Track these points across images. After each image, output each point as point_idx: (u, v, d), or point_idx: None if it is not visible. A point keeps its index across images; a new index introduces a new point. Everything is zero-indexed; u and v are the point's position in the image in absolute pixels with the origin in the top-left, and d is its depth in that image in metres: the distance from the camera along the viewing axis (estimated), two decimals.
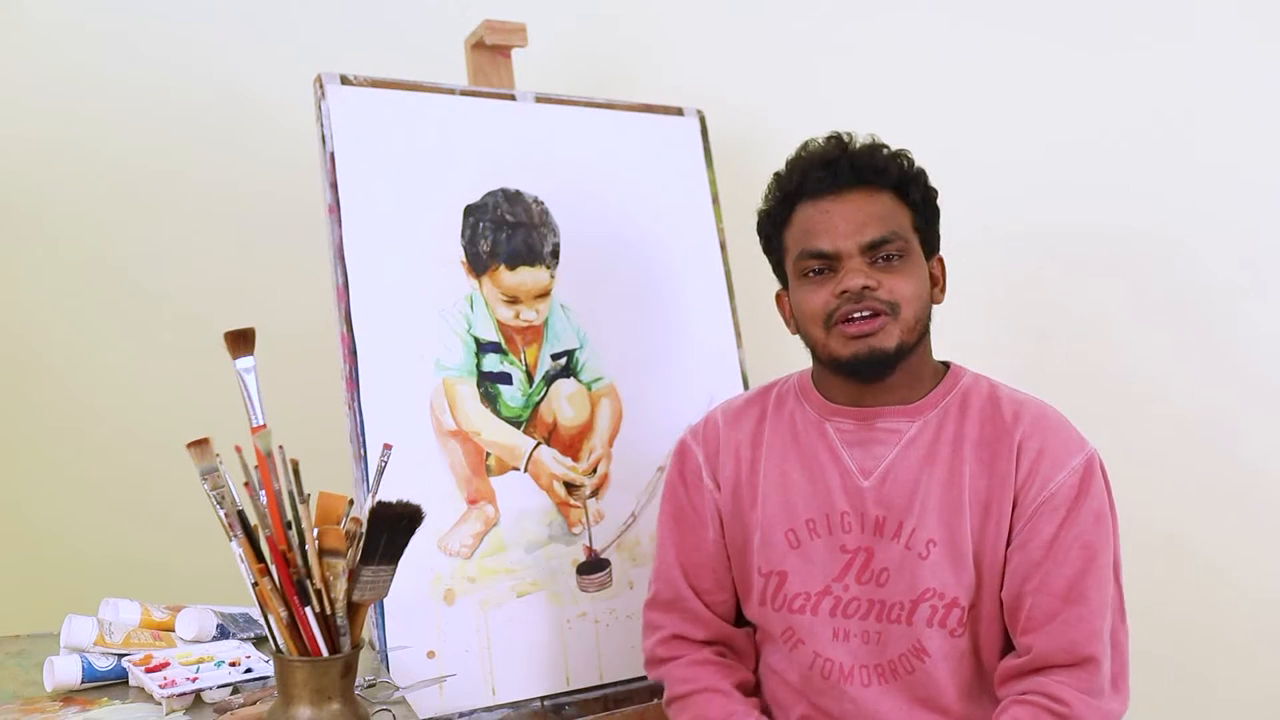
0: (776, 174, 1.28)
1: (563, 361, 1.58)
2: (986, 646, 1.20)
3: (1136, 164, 1.72)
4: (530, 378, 1.55)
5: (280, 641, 0.96)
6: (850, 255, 1.18)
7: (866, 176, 1.20)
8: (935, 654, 1.19)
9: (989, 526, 1.18)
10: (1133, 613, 1.21)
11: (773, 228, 1.28)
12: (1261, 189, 1.66)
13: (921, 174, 1.24)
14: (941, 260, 1.28)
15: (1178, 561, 1.71)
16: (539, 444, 1.53)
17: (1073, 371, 1.77)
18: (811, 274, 1.21)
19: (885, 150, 1.23)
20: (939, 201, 1.26)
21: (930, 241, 1.25)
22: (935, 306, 1.25)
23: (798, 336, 1.28)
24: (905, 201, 1.22)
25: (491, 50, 1.66)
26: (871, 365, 1.19)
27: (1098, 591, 1.14)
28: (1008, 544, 1.18)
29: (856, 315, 1.17)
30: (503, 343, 1.54)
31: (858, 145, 1.24)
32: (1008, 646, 1.20)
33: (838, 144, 1.24)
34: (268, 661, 1.25)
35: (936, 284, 1.26)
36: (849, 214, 1.19)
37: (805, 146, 1.27)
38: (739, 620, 1.34)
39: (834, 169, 1.21)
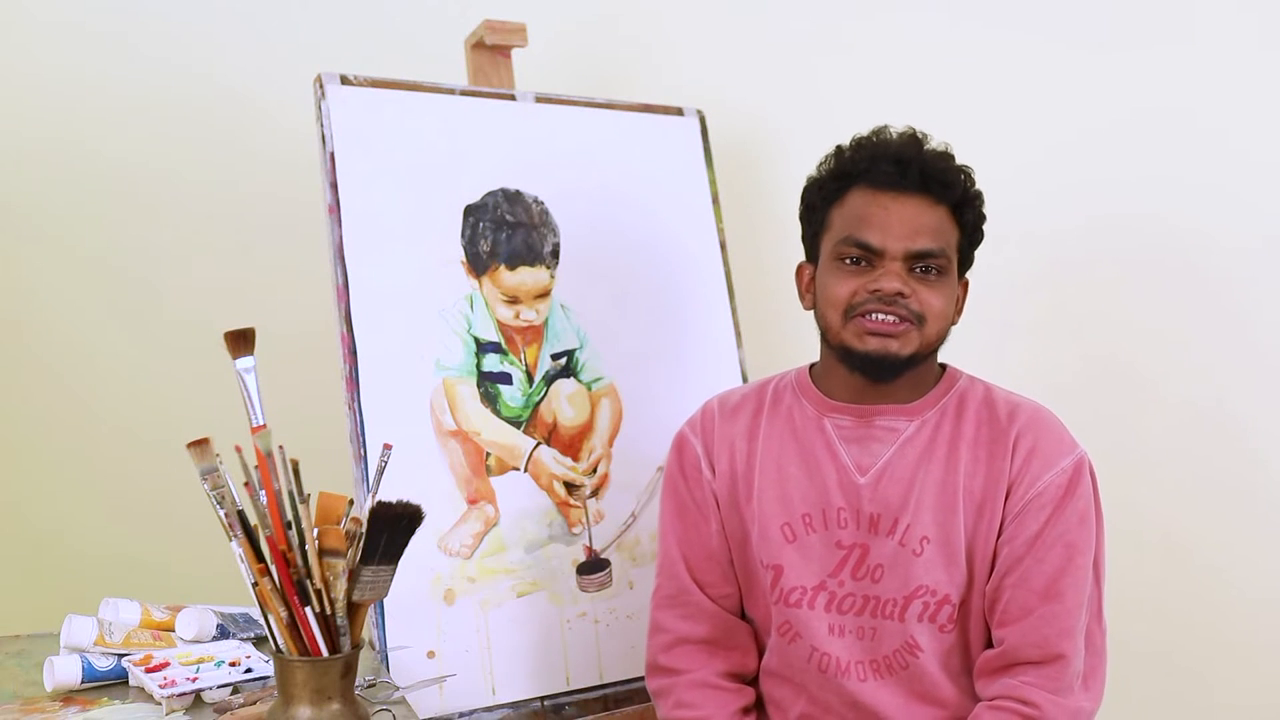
0: (840, 147, 1.26)
1: (563, 361, 1.58)
2: (975, 641, 1.22)
3: (1137, 162, 1.72)
4: (530, 378, 1.55)
5: (280, 641, 0.96)
6: (894, 257, 1.18)
7: (932, 187, 1.20)
8: (927, 649, 1.20)
9: (982, 523, 1.19)
10: (1131, 610, 1.21)
11: (820, 199, 1.26)
12: (1265, 184, 1.66)
13: (979, 197, 1.24)
14: (967, 283, 1.28)
15: (1177, 559, 1.71)
16: (539, 444, 1.53)
17: (1075, 370, 1.77)
18: (849, 261, 1.20)
19: (954, 163, 1.23)
20: None
21: (965, 263, 1.26)
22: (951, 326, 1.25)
23: (810, 313, 1.27)
24: (958, 221, 1.22)
25: (491, 50, 1.66)
26: (882, 366, 1.20)
27: (1074, 591, 1.16)
28: (998, 538, 1.19)
29: (881, 315, 1.18)
30: (503, 343, 1.54)
31: (931, 148, 1.23)
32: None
33: (914, 142, 1.23)
34: (268, 661, 1.25)
35: (956, 304, 1.26)
36: (906, 217, 1.19)
37: (878, 133, 1.25)
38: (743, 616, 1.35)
39: (905, 169, 1.19)
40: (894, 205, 1.19)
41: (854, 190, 1.22)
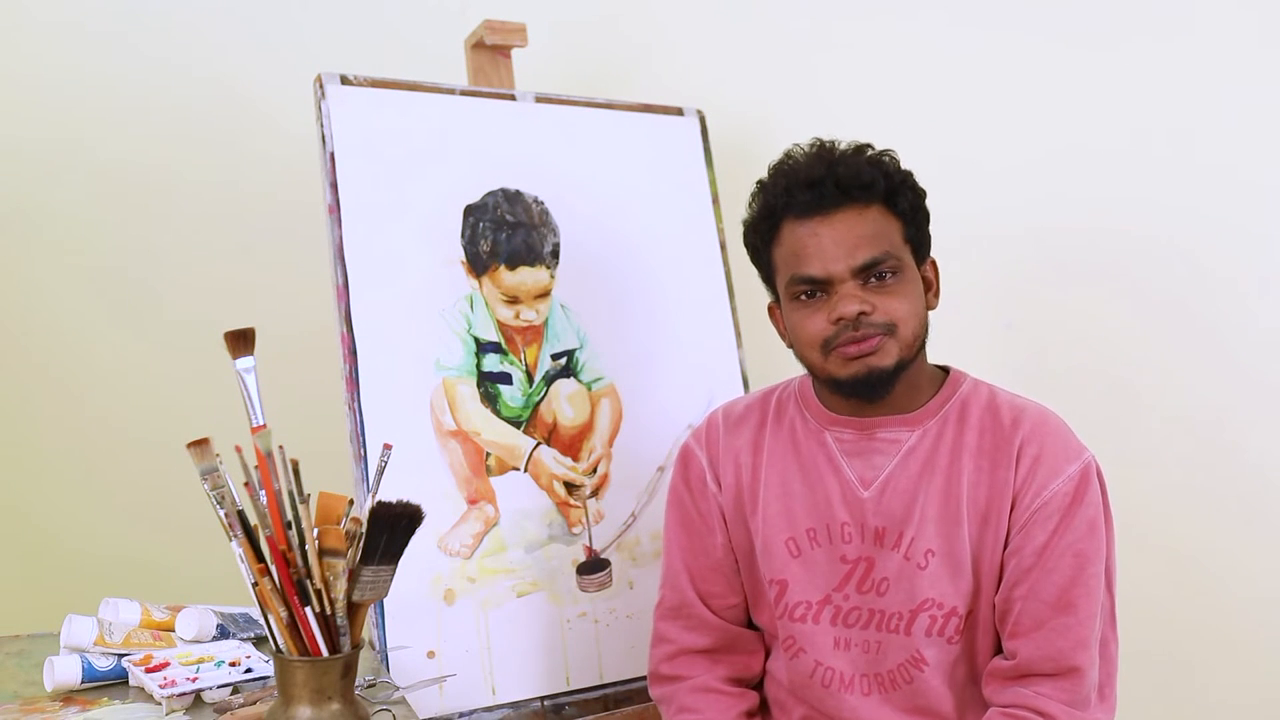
0: (760, 183, 1.24)
1: (563, 361, 1.58)
2: (981, 651, 1.20)
3: (1135, 165, 1.72)
4: (530, 378, 1.55)
5: (280, 641, 0.96)
6: (843, 279, 1.15)
7: (853, 194, 1.16)
8: (932, 663, 1.19)
9: (988, 533, 1.17)
10: (1130, 613, 1.20)
11: (760, 242, 1.24)
12: (1261, 190, 1.66)
13: (909, 178, 1.21)
14: (934, 263, 1.25)
15: (1175, 562, 1.71)
16: (539, 444, 1.53)
17: (1071, 373, 1.77)
18: (804, 297, 1.18)
19: (870, 155, 1.19)
20: (935, 201, 1.24)
21: (921, 248, 1.22)
22: (931, 312, 1.23)
23: (791, 350, 1.26)
24: (894, 212, 1.19)
25: (491, 50, 1.66)
26: (870, 385, 1.17)
27: (1087, 601, 1.14)
28: (1004, 548, 1.17)
29: (853, 340, 1.15)
30: (503, 343, 1.54)
31: (841, 154, 1.19)
32: (1001, 652, 1.20)
33: (821, 158, 1.19)
34: (268, 661, 1.25)
35: (930, 288, 1.23)
36: (838, 236, 1.16)
37: (789, 156, 1.22)
38: (749, 624, 1.34)
39: (819, 190, 1.16)
40: (823, 229, 1.16)
41: (784, 225, 1.20)
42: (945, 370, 1.27)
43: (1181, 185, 1.70)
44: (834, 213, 1.17)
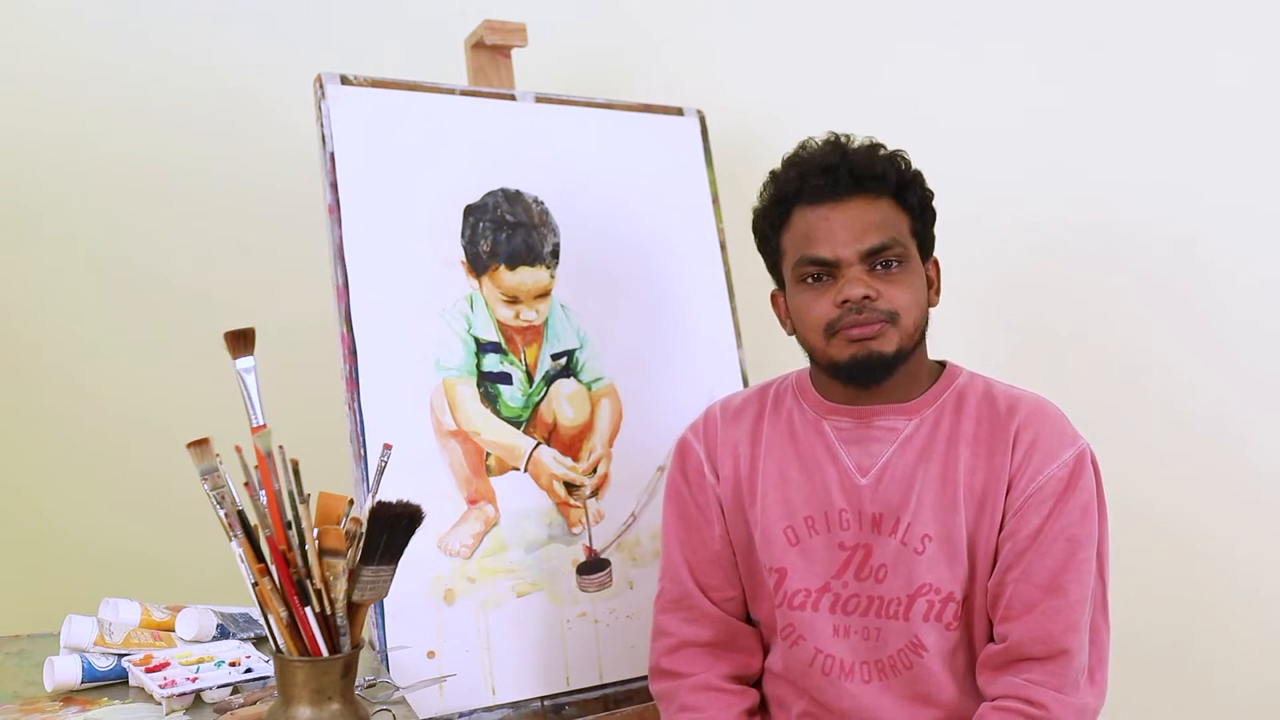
0: (773, 173, 1.27)
1: (563, 361, 1.58)
2: (979, 638, 1.21)
3: (1137, 158, 1.72)
4: (530, 378, 1.55)
5: (280, 641, 0.96)
6: (850, 263, 1.18)
7: (865, 184, 1.20)
8: (932, 649, 1.20)
9: (984, 518, 1.19)
10: (1131, 602, 1.20)
11: (769, 228, 1.27)
12: (1262, 182, 1.66)
13: (919, 177, 1.24)
14: (936, 262, 1.28)
15: (1176, 552, 1.71)
16: (539, 444, 1.54)
17: (1071, 370, 1.77)
18: (810, 280, 1.21)
19: (883, 153, 1.23)
20: (937, 199, 1.26)
21: (927, 244, 1.25)
22: (932, 310, 1.25)
23: (793, 337, 1.28)
24: (903, 206, 1.22)
25: (491, 50, 1.66)
26: (870, 369, 1.19)
27: (1078, 585, 1.15)
28: (999, 532, 1.19)
29: (856, 325, 1.18)
30: (503, 343, 1.54)
31: (855, 147, 1.23)
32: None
33: (836, 148, 1.23)
34: (268, 661, 1.25)
35: (931, 286, 1.26)
36: (848, 221, 1.19)
37: (803, 147, 1.26)
38: (747, 619, 1.35)
39: (833, 175, 1.20)
40: (834, 214, 1.20)
41: (795, 211, 1.23)
42: (942, 364, 1.29)
43: (1181, 180, 1.70)
44: (846, 200, 1.20)
